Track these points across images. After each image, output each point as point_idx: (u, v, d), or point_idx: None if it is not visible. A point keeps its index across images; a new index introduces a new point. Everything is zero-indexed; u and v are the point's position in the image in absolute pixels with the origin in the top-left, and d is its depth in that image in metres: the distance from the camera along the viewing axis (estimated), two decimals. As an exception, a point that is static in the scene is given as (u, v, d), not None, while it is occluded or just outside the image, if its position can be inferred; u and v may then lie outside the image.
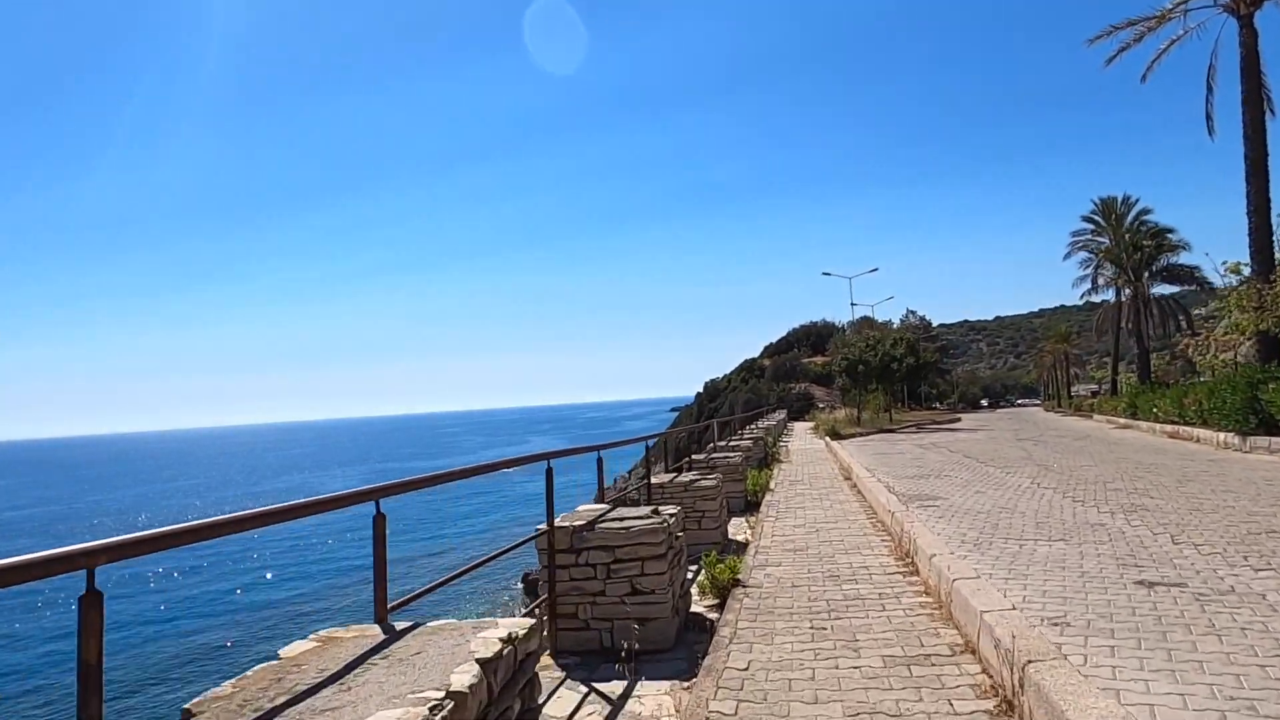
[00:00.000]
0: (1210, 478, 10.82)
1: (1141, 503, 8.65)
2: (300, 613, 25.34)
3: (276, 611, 25.87)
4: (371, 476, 75.82)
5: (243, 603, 27.57)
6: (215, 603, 27.75)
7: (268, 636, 22.58)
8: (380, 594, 3.13)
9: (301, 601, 26.96)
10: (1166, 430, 22.78)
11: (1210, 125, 20.59)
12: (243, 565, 33.71)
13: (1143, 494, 9.37)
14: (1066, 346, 71.79)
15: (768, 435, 19.77)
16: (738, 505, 11.06)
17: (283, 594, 28.31)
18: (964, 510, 8.54)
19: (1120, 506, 8.43)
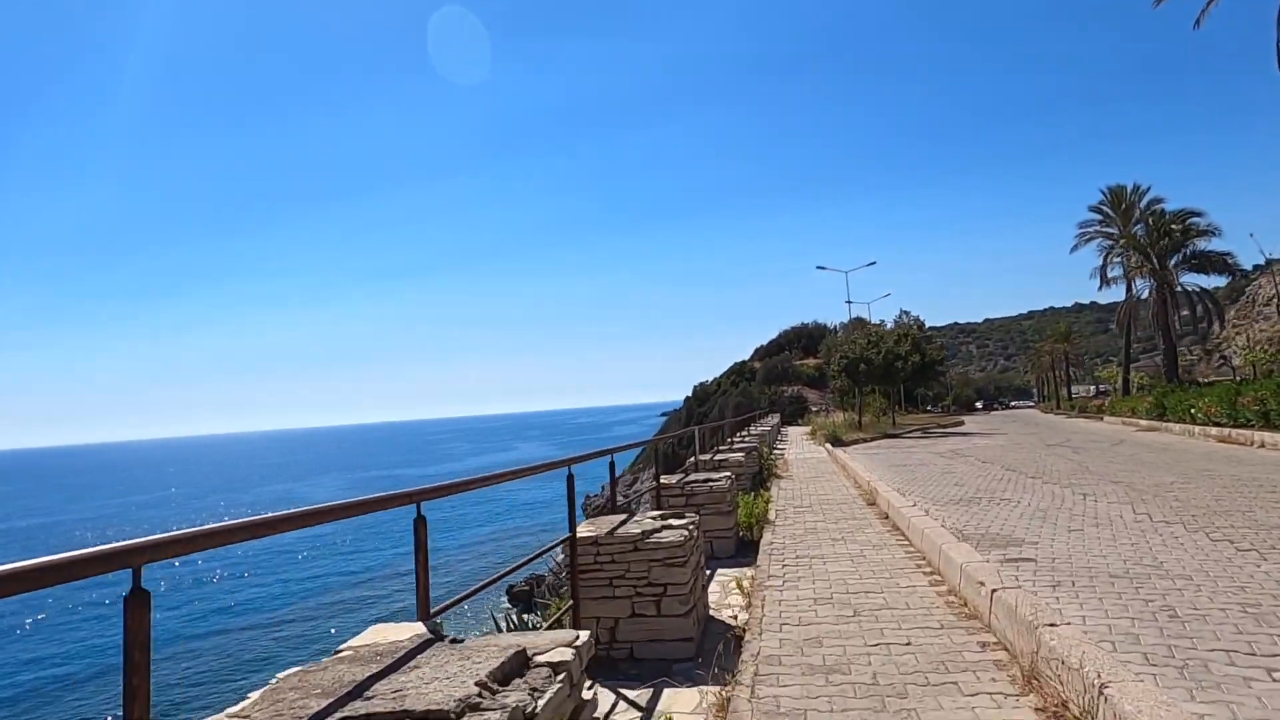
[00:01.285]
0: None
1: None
2: (339, 611, 26.16)
3: (308, 613, 26.65)
4: (358, 485, 75.43)
5: (273, 604, 28.48)
6: (253, 605, 28.69)
7: (300, 643, 23.19)
8: (423, 595, 3.02)
9: (331, 606, 27.61)
10: (1212, 434, 19.92)
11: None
12: (268, 568, 34.47)
13: (1325, 534, 6.33)
14: (1066, 346, 69.43)
15: (762, 444, 16.68)
16: (725, 549, 7.93)
17: (314, 599, 29.23)
18: (1081, 569, 5.45)
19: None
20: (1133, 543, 6.31)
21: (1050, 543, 6.47)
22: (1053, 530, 7.04)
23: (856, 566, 6.35)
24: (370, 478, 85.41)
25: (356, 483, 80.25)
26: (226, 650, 22.90)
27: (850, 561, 6.57)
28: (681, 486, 7.93)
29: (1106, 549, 6.10)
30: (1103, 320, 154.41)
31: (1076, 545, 6.29)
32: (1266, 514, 7.43)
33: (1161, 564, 5.51)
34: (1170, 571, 5.26)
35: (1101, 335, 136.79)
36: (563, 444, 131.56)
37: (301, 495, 69.69)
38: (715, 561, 7.62)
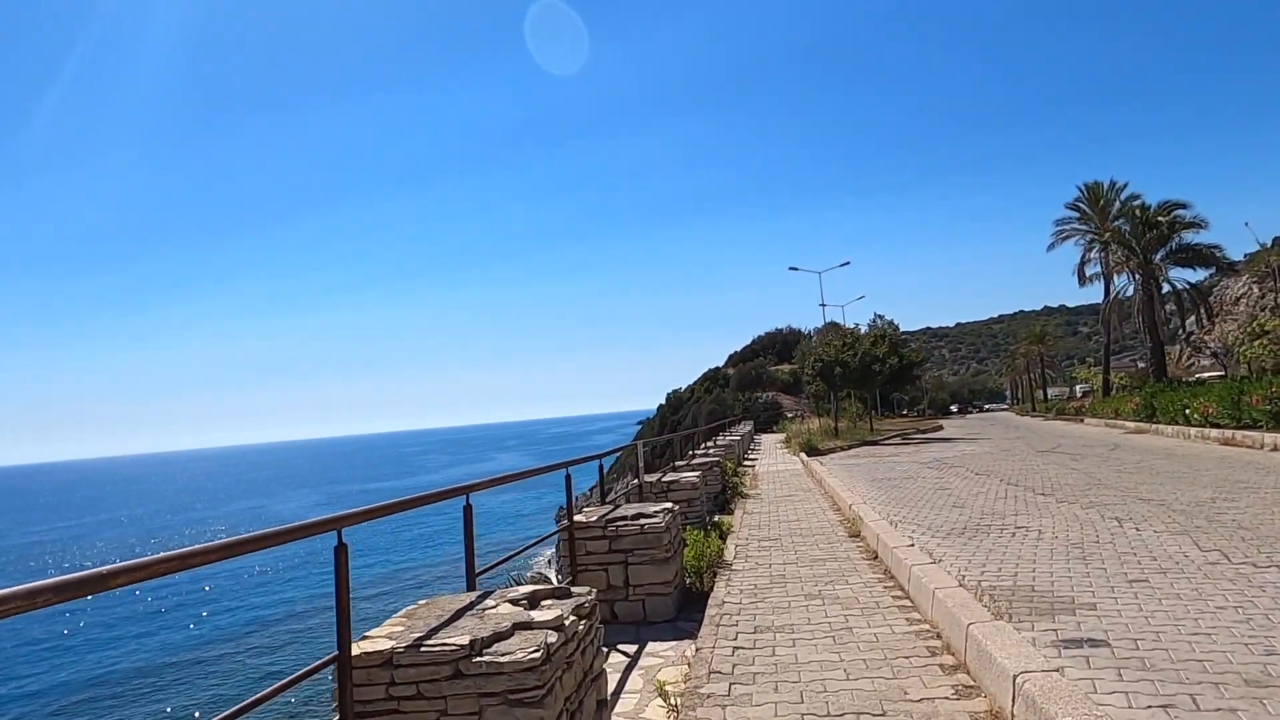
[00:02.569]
0: None
1: None
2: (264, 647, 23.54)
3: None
4: (331, 500, 73.00)
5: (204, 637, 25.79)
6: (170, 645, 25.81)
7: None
8: (343, 628, 2.73)
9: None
10: (1213, 436, 18.34)
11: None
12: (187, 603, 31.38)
13: None
14: (1041, 348, 68.69)
15: (727, 458, 14.69)
16: (662, 610, 5.87)
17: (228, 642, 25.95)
18: (1189, 666, 3.47)
19: None
20: (1234, 605, 4.38)
21: (1114, 606, 4.51)
22: (1107, 582, 5.10)
23: (841, 652, 4.33)
24: (343, 492, 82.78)
25: (330, 498, 77.85)
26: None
27: (832, 640, 4.55)
28: (604, 526, 5.89)
29: (1203, 619, 4.16)
30: (1071, 322, 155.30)
31: (1155, 612, 4.35)
32: (1377, 549, 5.57)
33: (1309, 654, 3.58)
34: (1337, 672, 3.32)
35: (1071, 337, 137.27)
36: (542, 453, 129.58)
37: (272, 512, 67.11)
38: (646, 631, 5.59)
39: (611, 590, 5.85)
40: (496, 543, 37.84)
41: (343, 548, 2.79)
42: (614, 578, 5.85)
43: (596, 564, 5.87)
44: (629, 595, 5.84)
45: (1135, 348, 61.02)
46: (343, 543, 2.80)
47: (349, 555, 2.81)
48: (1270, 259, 34.71)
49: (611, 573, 5.86)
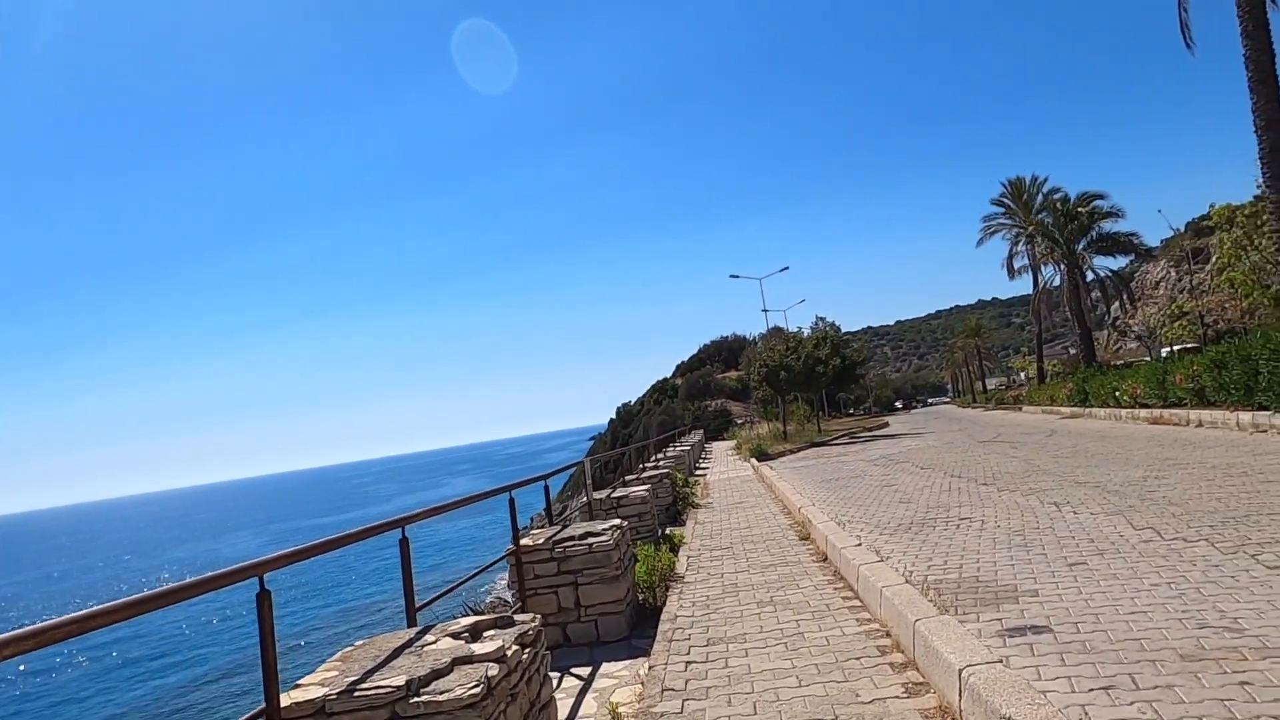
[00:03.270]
0: None
1: None
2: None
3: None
4: (278, 538, 70.46)
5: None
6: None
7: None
8: (269, 679, 2.61)
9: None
10: (1142, 416, 19.04)
11: (1186, 37, 16.93)
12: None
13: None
14: (977, 341, 70.58)
15: (677, 468, 14.68)
16: (615, 629, 5.76)
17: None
18: (1128, 645, 3.54)
19: None
20: (1168, 581, 4.50)
21: (1055, 591, 4.60)
22: (1048, 567, 5.20)
23: (793, 658, 4.31)
24: (290, 529, 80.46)
25: (277, 536, 75.54)
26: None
27: (784, 648, 4.53)
28: (551, 548, 5.80)
29: (1139, 597, 4.26)
30: (1005, 314, 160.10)
31: (1094, 594, 4.44)
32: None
33: (1236, 621, 3.69)
34: (1265, 640, 3.42)
35: (1005, 329, 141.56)
36: (496, 475, 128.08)
37: (220, 557, 64.64)
38: (600, 651, 5.50)
39: (562, 612, 5.75)
40: (455, 571, 37.03)
41: (265, 595, 2.66)
42: (564, 600, 5.75)
43: (546, 587, 5.77)
44: (580, 616, 5.75)
45: (1066, 335, 63.16)
46: (265, 589, 2.67)
47: (272, 602, 2.68)
48: (1184, 244, 36.34)
49: (561, 595, 5.76)
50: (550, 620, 5.75)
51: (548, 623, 5.73)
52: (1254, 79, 14.42)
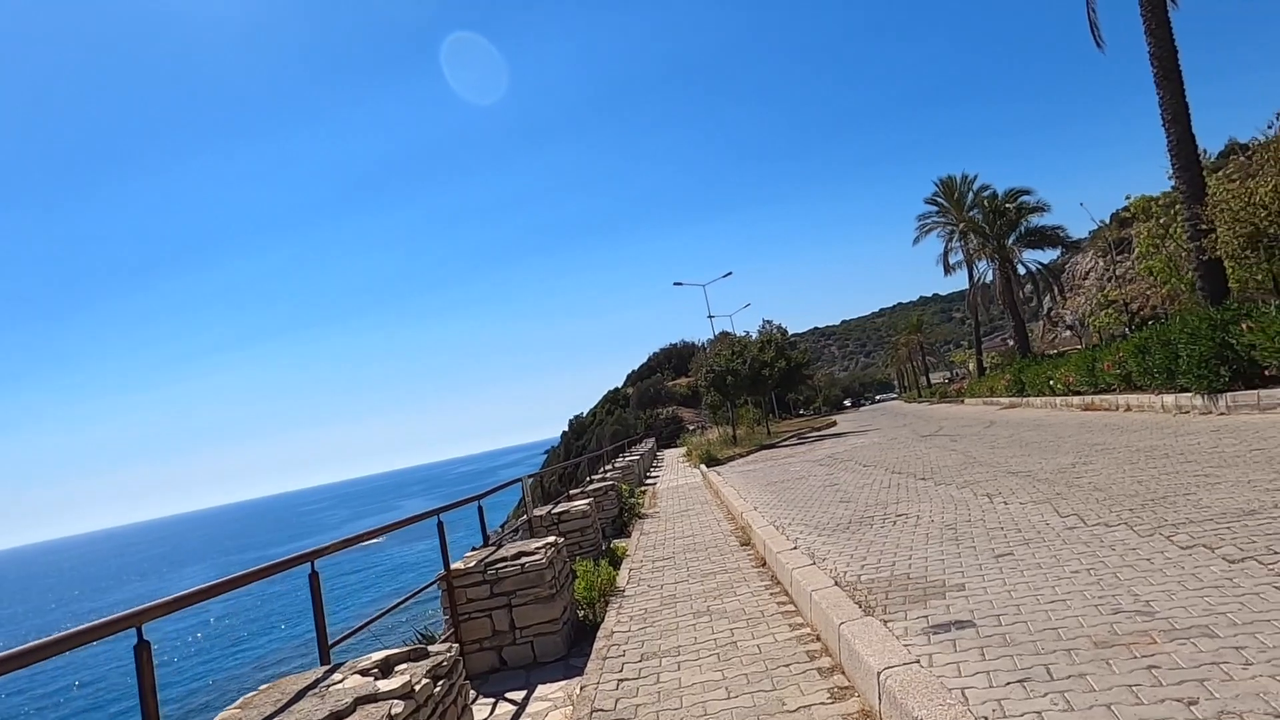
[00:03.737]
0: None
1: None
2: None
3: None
4: (226, 572, 67.46)
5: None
6: None
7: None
8: None
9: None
10: (1075, 403, 19.63)
11: (1096, 36, 17.57)
12: None
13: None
14: (919, 337, 72.07)
15: (623, 480, 14.59)
16: (552, 649, 5.65)
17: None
18: (1046, 635, 3.58)
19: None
20: (1087, 568, 4.58)
21: (981, 584, 4.64)
22: (976, 560, 5.26)
23: (724, 669, 4.27)
24: (239, 561, 78.03)
25: (226, 568, 73.05)
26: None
27: (716, 659, 4.48)
28: (483, 570, 5.66)
29: (1060, 585, 4.32)
30: (945, 310, 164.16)
31: (1018, 585, 4.49)
32: (1210, 494, 5.98)
33: (1149, 604, 3.76)
34: (1173, 621, 3.48)
35: (946, 323, 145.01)
36: (447, 495, 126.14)
37: (164, 593, 62.16)
38: (536, 673, 5.38)
39: (497, 636, 5.62)
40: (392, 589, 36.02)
41: (144, 646, 2.51)
42: (499, 623, 5.62)
43: (479, 611, 5.63)
44: (516, 639, 5.62)
45: (1003, 328, 64.99)
46: (144, 640, 2.52)
47: (152, 653, 2.53)
48: (1109, 235, 37.69)
49: (495, 618, 5.63)
50: (485, 644, 5.62)
51: (482, 647, 5.61)
52: (1159, 75, 15.03)
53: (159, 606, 2.65)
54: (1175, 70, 14.90)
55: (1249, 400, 11.70)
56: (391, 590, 37.69)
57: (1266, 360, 11.39)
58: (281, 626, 34.35)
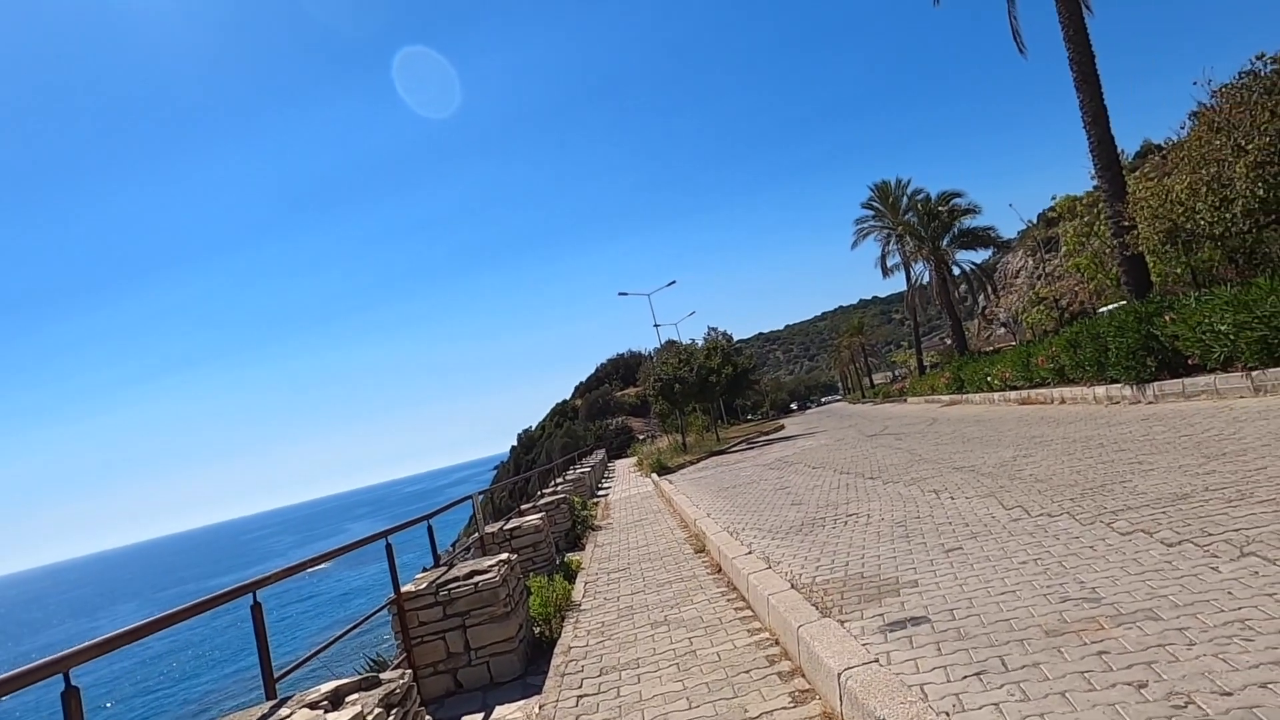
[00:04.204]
0: (1248, 445, 6.81)
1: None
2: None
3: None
4: (166, 606, 64.73)
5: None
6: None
7: None
8: None
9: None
10: (1012, 398, 20.20)
11: (1019, 42, 18.25)
12: None
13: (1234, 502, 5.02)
14: (861, 339, 73.35)
15: (575, 492, 14.48)
16: (508, 669, 5.54)
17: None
18: (999, 627, 3.64)
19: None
20: (1034, 558, 4.68)
21: (933, 580, 4.70)
22: (927, 556, 5.33)
23: (684, 679, 4.23)
24: (179, 595, 75.06)
25: (162, 604, 70.11)
26: None
27: (676, 669, 4.44)
28: (434, 592, 5.52)
29: (1009, 576, 4.41)
30: (885, 311, 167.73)
31: (969, 578, 4.56)
32: (1145, 481, 6.19)
33: (1095, 591, 3.85)
34: (1118, 606, 3.57)
35: (886, 325, 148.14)
36: (396, 516, 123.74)
37: (91, 635, 59.33)
38: (493, 694, 5.27)
39: (452, 658, 5.48)
40: (371, 621, 35.15)
41: (73, 692, 2.35)
42: (453, 645, 5.49)
43: (432, 634, 5.49)
44: (471, 660, 5.49)
45: (941, 327, 66.73)
46: (72, 686, 2.37)
47: (82, 700, 2.38)
48: (1037, 234, 39.05)
49: (449, 640, 5.50)
50: (439, 668, 5.48)
51: (437, 670, 5.47)
52: (1079, 79, 15.66)
53: (89, 649, 2.49)
54: (1093, 74, 15.56)
55: (1174, 389, 12.18)
56: (340, 617, 36.76)
57: (1189, 350, 11.88)
58: (225, 662, 33.15)
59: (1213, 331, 11.16)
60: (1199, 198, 13.13)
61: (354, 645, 11.60)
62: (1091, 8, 16.06)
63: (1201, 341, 11.47)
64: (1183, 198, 13.56)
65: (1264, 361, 10.25)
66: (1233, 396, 10.48)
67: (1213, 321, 11.17)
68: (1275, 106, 11.69)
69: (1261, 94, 12.11)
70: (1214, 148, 12.64)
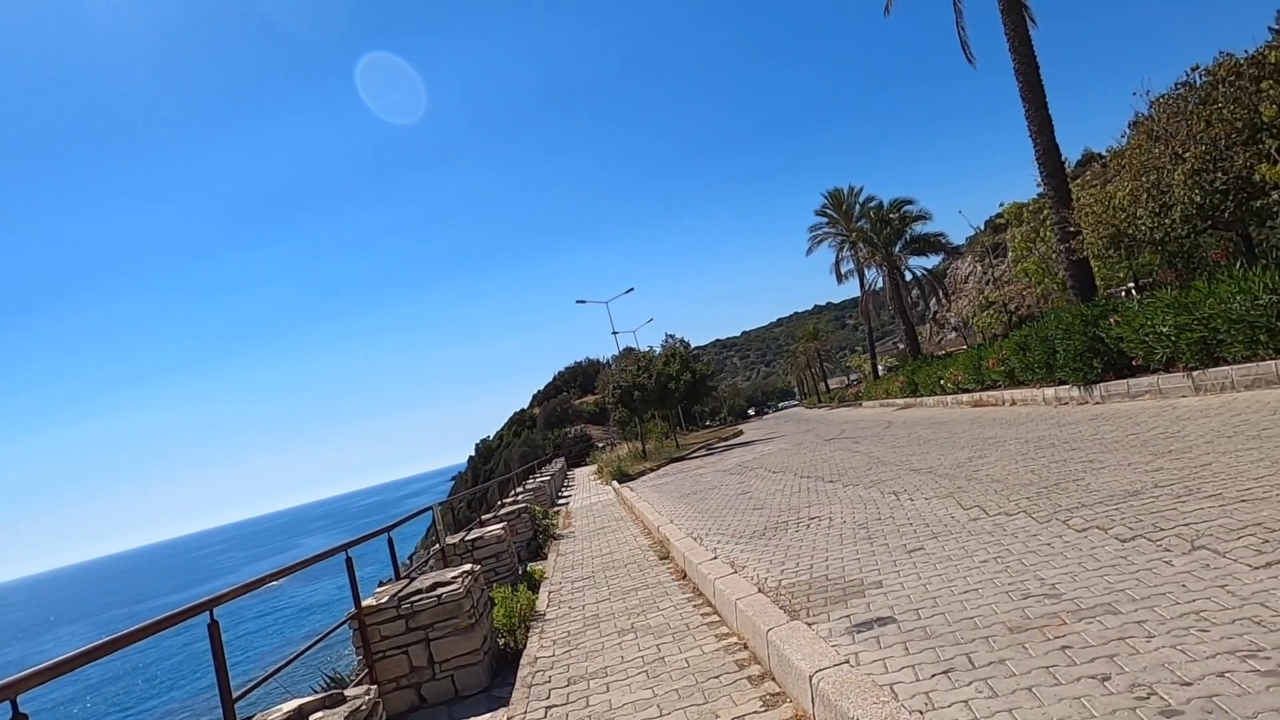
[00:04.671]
0: (1223, 444, 7.04)
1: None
2: None
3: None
4: (112, 626, 62.57)
5: None
6: None
7: None
8: None
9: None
10: (965, 400, 20.64)
11: (967, 53, 18.73)
12: None
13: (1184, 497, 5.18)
14: (817, 344, 74.21)
15: (535, 501, 14.37)
16: (473, 681, 5.46)
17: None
18: (964, 625, 3.69)
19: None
20: (994, 556, 4.76)
21: (897, 579, 4.76)
22: (890, 557, 5.40)
23: (654, 686, 4.21)
24: (128, 616, 72.43)
25: (111, 625, 67.65)
26: None
27: (645, 676, 4.42)
28: (397, 605, 5.42)
29: (972, 576, 4.48)
30: (839, 316, 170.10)
31: (932, 578, 4.63)
32: (1098, 478, 6.35)
33: (1055, 587, 3.93)
34: (1078, 601, 3.65)
35: (841, 330, 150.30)
36: (352, 529, 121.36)
37: (36, 661, 56.87)
38: (459, 708, 5.18)
39: (415, 672, 5.38)
40: (334, 636, 34.43)
41: (20, 718, 2.24)
42: (416, 659, 5.39)
43: (394, 648, 5.38)
44: (435, 674, 5.40)
45: (894, 332, 67.89)
46: (20, 714, 2.26)
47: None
48: (985, 240, 40.04)
49: (413, 654, 5.39)
50: (403, 682, 5.37)
51: (400, 685, 5.36)
52: (1024, 89, 16.14)
53: (39, 674, 2.38)
54: (1038, 84, 16.03)
55: (1120, 389, 12.55)
56: (297, 634, 35.92)
57: (1133, 351, 12.26)
58: (179, 685, 32.15)
59: (1155, 333, 11.54)
60: (1140, 204, 13.59)
61: (311, 662, 11.34)
62: (1036, 20, 16.62)
63: (1145, 343, 11.85)
64: (1125, 204, 14.02)
65: (1203, 362, 10.62)
66: (1175, 396, 10.84)
67: (1155, 324, 11.54)
68: (1209, 116, 12.16)
69: (1196, 104, 12.59)
70: (1153, 156, 13.10)
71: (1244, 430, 6.93)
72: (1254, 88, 11.88)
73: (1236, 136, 11.89)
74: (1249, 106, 11.87)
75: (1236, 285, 10.14)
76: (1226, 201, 12.24)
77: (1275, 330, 9.40)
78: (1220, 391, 10.01)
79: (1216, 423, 7.72)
